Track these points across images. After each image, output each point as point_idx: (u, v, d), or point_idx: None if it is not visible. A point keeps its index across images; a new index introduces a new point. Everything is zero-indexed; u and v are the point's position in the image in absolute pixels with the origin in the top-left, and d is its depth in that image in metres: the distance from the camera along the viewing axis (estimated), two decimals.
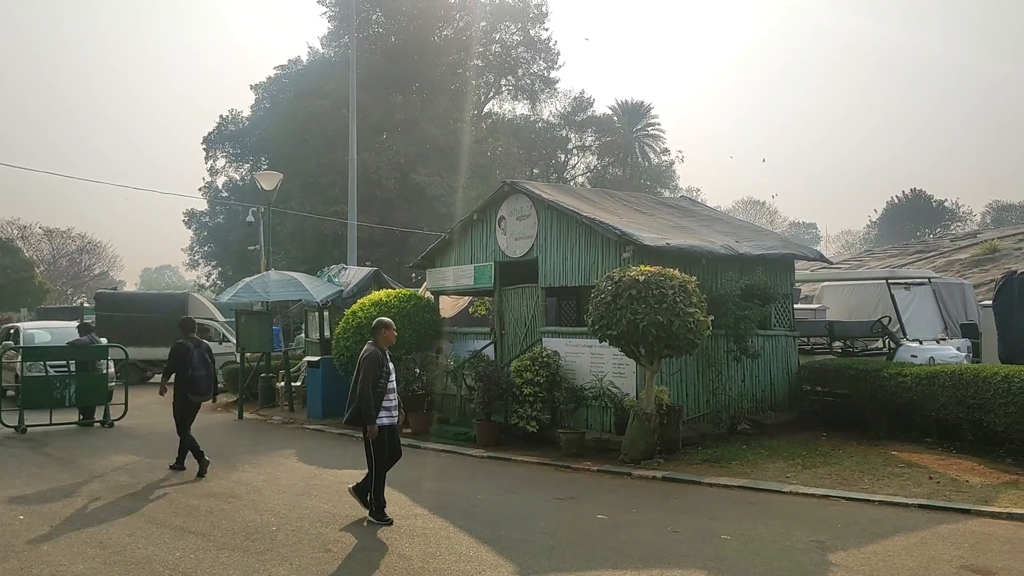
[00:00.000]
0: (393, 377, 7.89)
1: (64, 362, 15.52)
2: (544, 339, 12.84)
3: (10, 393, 16.87)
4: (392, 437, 7.94)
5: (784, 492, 8.82)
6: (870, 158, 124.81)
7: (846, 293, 17.60)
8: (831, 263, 18.19)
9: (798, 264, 14.72)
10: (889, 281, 14.63)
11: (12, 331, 22.12)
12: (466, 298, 16.63)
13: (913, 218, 66.03)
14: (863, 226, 77.47)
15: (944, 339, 14.47)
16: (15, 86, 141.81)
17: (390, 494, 9.01)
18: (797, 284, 15.69)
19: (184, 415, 10.46)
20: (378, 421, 7.66)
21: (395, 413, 7.93)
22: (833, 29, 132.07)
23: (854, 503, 8.29)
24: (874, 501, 8.27)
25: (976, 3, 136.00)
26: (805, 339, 14.98)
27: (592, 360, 12.07)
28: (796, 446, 11.00)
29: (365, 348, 7.91)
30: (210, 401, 10.83)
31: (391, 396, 7.82)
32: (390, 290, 16.24)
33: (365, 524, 7.64)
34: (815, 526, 7.37)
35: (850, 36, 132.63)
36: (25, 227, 63.56)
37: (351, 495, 8.09)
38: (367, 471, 7.95)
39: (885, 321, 14.14)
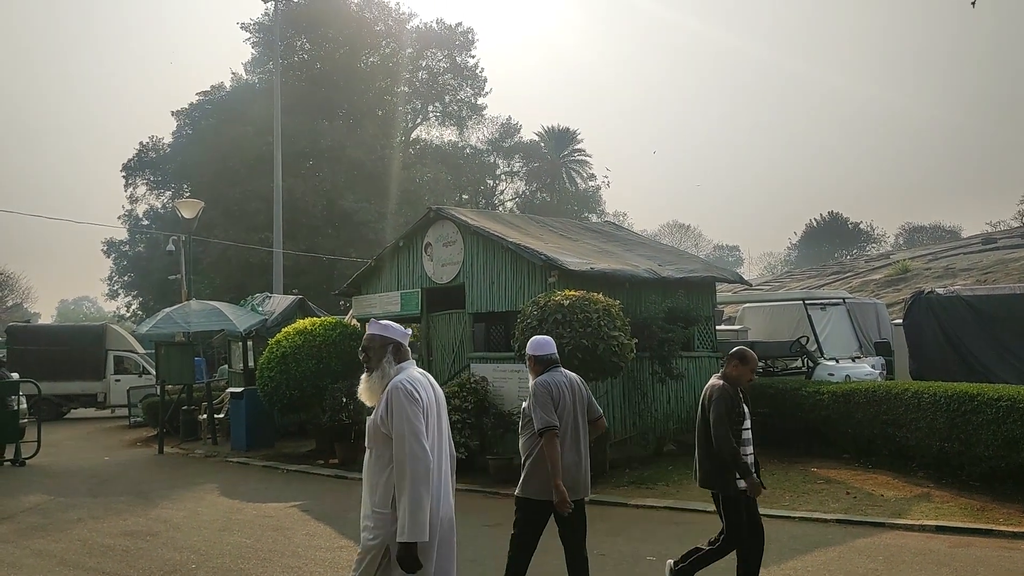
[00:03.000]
0: (748, 423, 5.93)
1: None
2: (472, 365, 12.83)
3: None
4: (750, 506, 5.93)
5: (709, 512, 8.91)
6: (791, 182, 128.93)
7: (766, 314, 18.05)
8: (751, 285, 18.67)
9: (720, 286, 15.06)
10: (806, 302, 15.08)
11: None
12: None
13: (831, 240, 68.26)
14: (784, 248, 79.82)
15: (859, 357, 14.96)
16: None
17: (314, 526, 8.86)
18: (719, 306, 16.08)
19: None
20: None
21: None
22: (761, 65, 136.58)
23: (775, 520, 8.45)
24: (794, 517, 8.47)
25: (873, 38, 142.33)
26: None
27: (520, 385, 12.08)
28: None
29: (710, 383, 6.02)
30: None
31: (748, 448, 5.85)
32: (315, 318, 16.03)
33: None
34: None
35: (775, 73, 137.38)
36: None
37: None
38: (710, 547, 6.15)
39: (803, 341, 14.55)
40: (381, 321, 4.24)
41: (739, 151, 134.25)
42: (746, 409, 5.94)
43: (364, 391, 4.14)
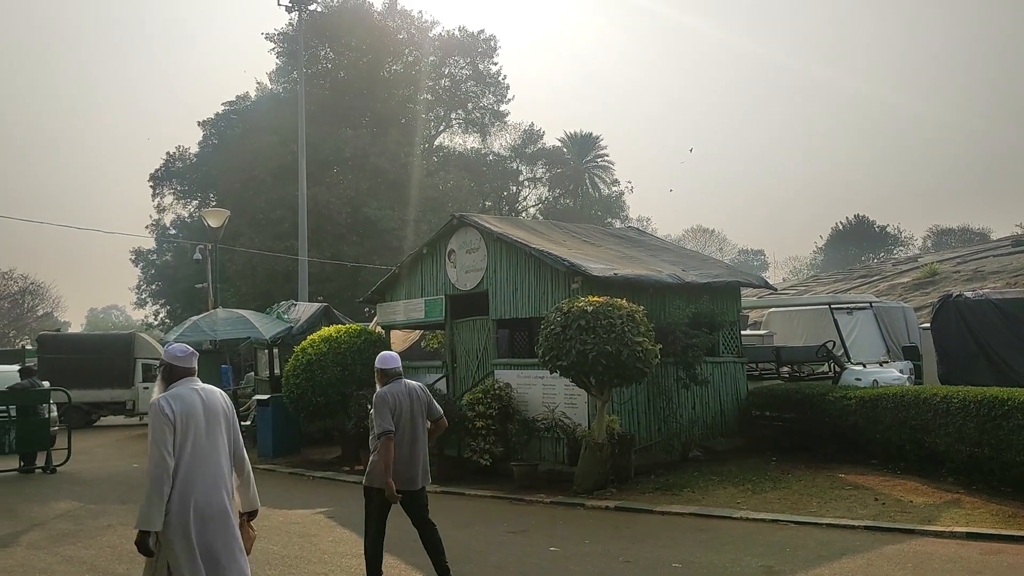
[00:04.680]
0: None
1: (3, 407, 15.06)
2: (496, 371, 12.85)
3: None
4: None
5: (734, 518, 8.90)
6: (815, 186, 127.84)
7: (792, 319, 17.93)
8: (776, 290, 18.57)
9: (745, 291, 14.98)
10: (832, 306, 14.95)
11: None
12: (417, 332, 16.58)
13: (857, 243, 67.54)
14: (810, 252, 79.12)
15: (887, 362, 14.80)
16: None
17: (340, 532, 8.91)
18: (744, 311, 15.96)
19: None
20: None
21: None
22: (783, 71, 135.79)
23: (803, 527, 8.39)
24: (822, 524, 8.38)
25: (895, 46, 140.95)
26: (753, 365, 15.20)
27: (544, 391, 12.10)
28: (746, 471, 11.12)
29: None
30: None
31: None
32: (341, 325, 16.13)
33: None
34: (764, 551, 7.44)
35: (798, 78, 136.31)
36: None
37: None
38: None
39: (830, 346, 14.43)
40: (171, 344, 5.07)
41: (762, 155, 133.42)
42: None
43: None
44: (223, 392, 5.06)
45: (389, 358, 6.72)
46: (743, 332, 15.15)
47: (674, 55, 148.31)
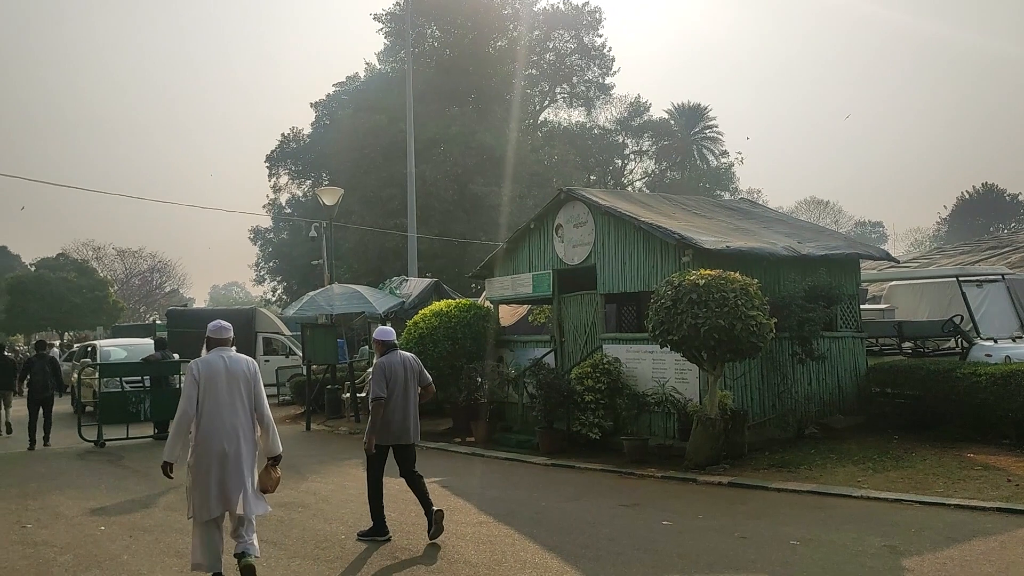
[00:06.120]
0: None
1: (139, 378, 16.03)
2: (604, 346, 12.81)
3: (89, 409, 17.51)
4: None
5: (855, 497, 8.62)
6: (938, 154, 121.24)
7: (915, 292, 17.13)
8: (898, 262, 17.75)
9: (864, 264, 14.41)
10: (960, 279, 14.20)
11: (89, 349, 22.93)
12: (525, 306, 16.68)
13: (985, 213, 63.99)
14: (933, 223, 75.34)
15: (1020, 337, 13.98)
16: (91, 112, 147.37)
17: (454, 502, 9.10)
18: (863, 284, 15.36)
19: (29, 405, 15.10)
20: None
21: None
22: (898, 31, 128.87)
23: (928, 507, 8.06)
24: (949, 505, 8.02)
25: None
26: (873, 340, 14.63)
27: (654, 366, 11.99)
28: (866, 450, 10.74)
29: None
30: (57, 395, 15.53)
31: None
32: (450, 300, 16.38)
33: None
34: (887, 531, 7.19)
35: (915, 37, 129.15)
36: (99, 248, 66.26)
37: None
38: None
39: (957, 320, 13.73)
40: (213, 321, 6.39)
41: (878, 123, 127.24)
42: None
43: None
44: (249, 359, 6.27)
45: (388, 332, 7.90)
46: (862, 306, 14.57)
47: (783, 19, 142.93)
